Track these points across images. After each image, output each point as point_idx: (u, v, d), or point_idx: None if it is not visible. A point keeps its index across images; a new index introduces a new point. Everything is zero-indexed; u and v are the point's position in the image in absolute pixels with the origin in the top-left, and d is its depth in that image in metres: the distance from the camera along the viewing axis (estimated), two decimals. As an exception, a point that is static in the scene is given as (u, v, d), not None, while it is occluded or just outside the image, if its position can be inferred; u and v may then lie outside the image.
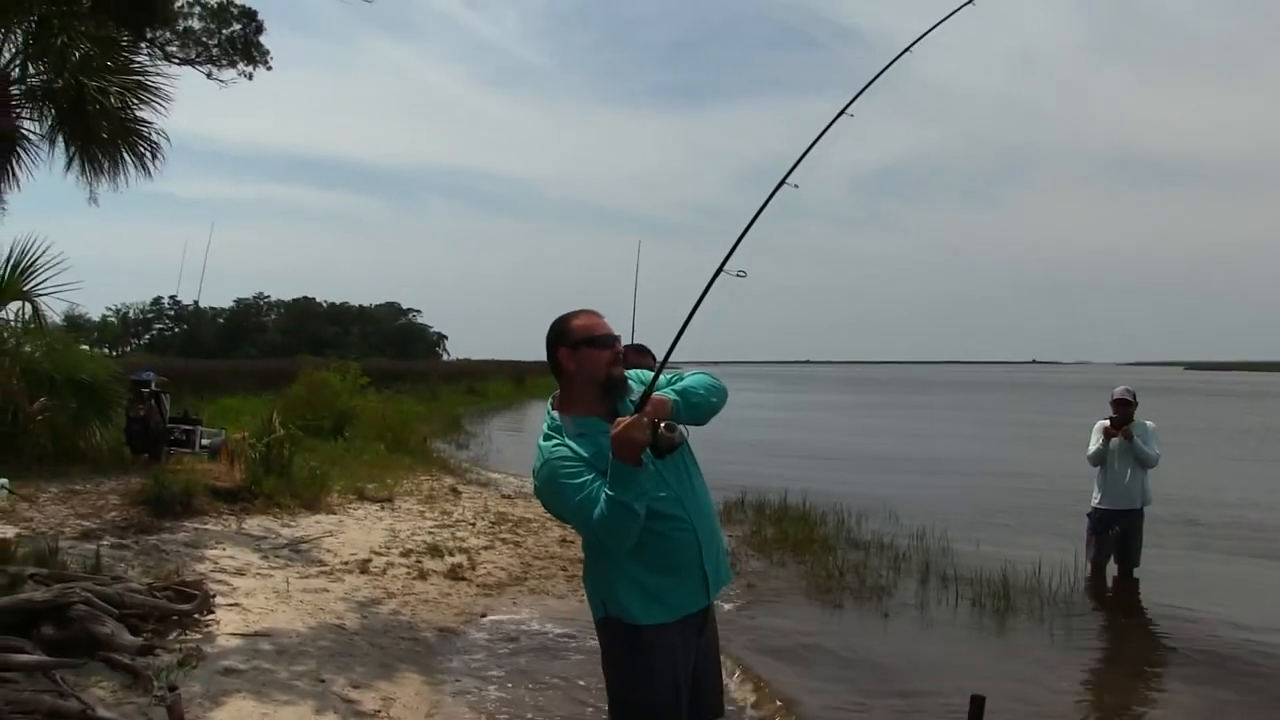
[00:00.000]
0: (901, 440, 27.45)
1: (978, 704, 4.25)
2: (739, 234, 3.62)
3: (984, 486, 17.13)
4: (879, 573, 9.85)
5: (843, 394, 67.55)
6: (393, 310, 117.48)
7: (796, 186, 3.72)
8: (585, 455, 3.38)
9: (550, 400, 3.61)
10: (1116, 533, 9.15)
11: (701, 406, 3.60)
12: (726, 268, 3.57)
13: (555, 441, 3.44)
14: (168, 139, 9.32)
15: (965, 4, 4.21)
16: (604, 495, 3.25)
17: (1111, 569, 9.37)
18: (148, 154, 9.09)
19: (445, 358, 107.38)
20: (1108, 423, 9.19)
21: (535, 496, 3.57)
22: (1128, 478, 9.09)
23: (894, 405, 51.04)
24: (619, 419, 3.26)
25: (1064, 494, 13.68)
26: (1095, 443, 9.18)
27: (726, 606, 8.28)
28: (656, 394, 3.42)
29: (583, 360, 3.50)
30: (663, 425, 3.26)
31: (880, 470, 19.27)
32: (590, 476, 3.33)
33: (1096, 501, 9.24)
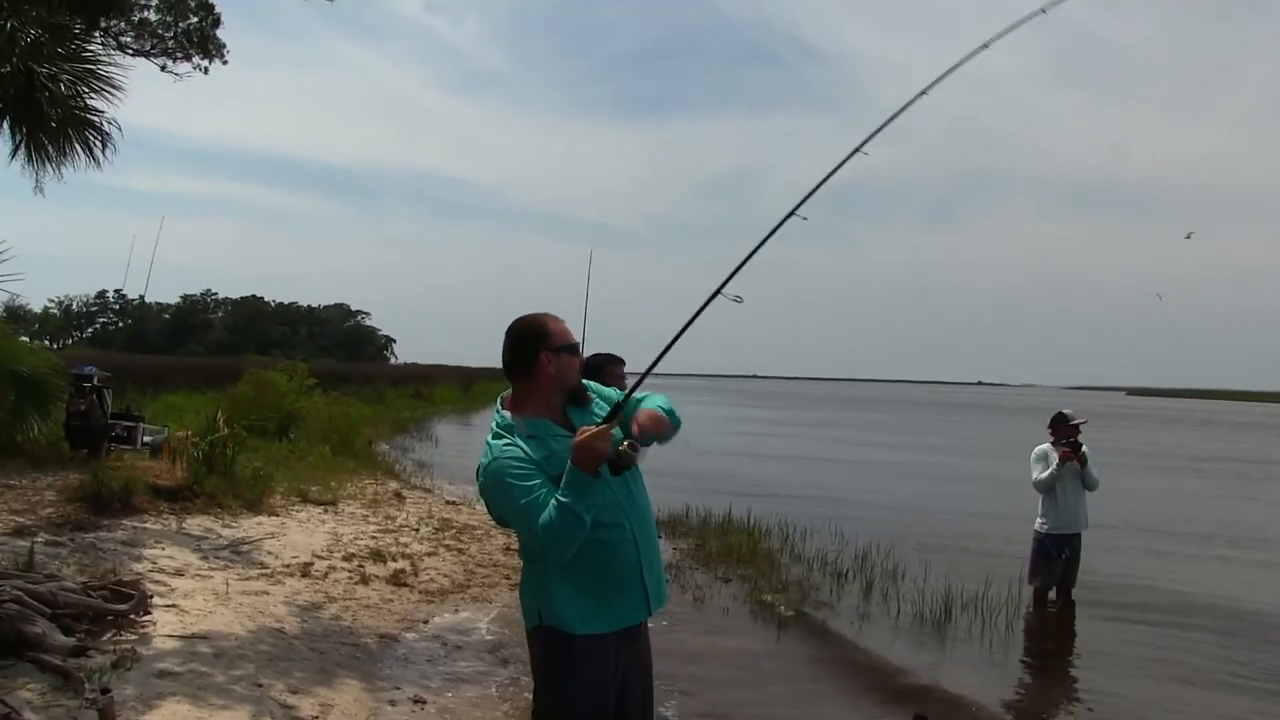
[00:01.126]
0: (844, 464, 27.61)
1: (919, 723, 4.29)
2: (742, 259, 3.61)
3: (930, 506, 17.28)
4: (823, 589, 9.93)
5: (787, 411, 67.82)
6: (341, 312, 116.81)
7: (805, 219, 3.74)
8: (536, 457, 3.35)
9: (500, 400, 3.58)
10: (1067, 556, 9.21)
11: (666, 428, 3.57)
12: (724, 291, 3.55)
13: (506, 440, 3.40)
14: (119, 129, 9.17)
15: (981, 49, 4.11)
16: (555, 501, 3.23)
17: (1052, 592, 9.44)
18: (98, 144, 8.91)
19: (393, 361, 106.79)
20: (1051, 448, 9.23)
21: (479, 495, 3.52)
22: (1076, 502, 9.18)
23: (836, 424, 51.23)
24: (584, 427, 3.27)
25: (1007, 517, 13.82)
26: (1045, 469, 9.15)
27: (665, 623, 8.29)
28: (652, 409, 3.44)
29: (562, 366, 3.50)
30: (625, 443, 3.26)
31: (824, 499, 19.30)
32: (540, 480, 3.29)
33: (1048, 527, 9.19)
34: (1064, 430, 9.23)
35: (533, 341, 3.50)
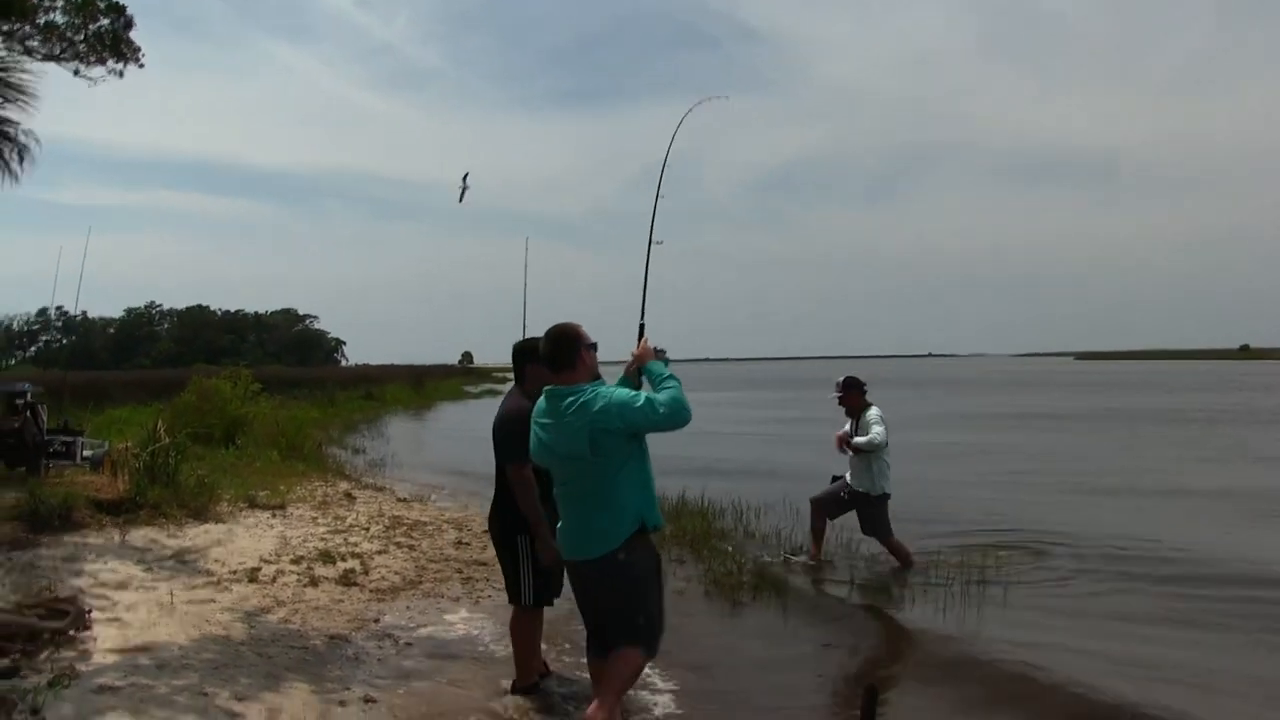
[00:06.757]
0: (796, 442, 27.62)
1: (871, 693, 4.26)
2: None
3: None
4: (777, 565, 9.92)
5: (737, 392, 67.83)
6: (289, 317, 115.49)
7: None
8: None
9: (548, 389, 5.02)
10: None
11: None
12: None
13: (601, 386, 4.93)
14: (37, 140, 8.94)
15: None
16: (663, 383, 4.92)
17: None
18: (15, 156, 8.69)
19: (344, 363, 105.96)
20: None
21: (597, 423, 4.78)
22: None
23: (785, 404, 51.26)
24: (633, 351, 5.27)
25: (956, 486, 13.88)
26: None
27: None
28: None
29: (594, 359, 5.03)
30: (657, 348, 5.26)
31: (777, 476, 19.27)
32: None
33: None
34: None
35: (576, 342, 5.00)
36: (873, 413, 9.92)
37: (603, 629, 5.09)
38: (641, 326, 5.74)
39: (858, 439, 9.80)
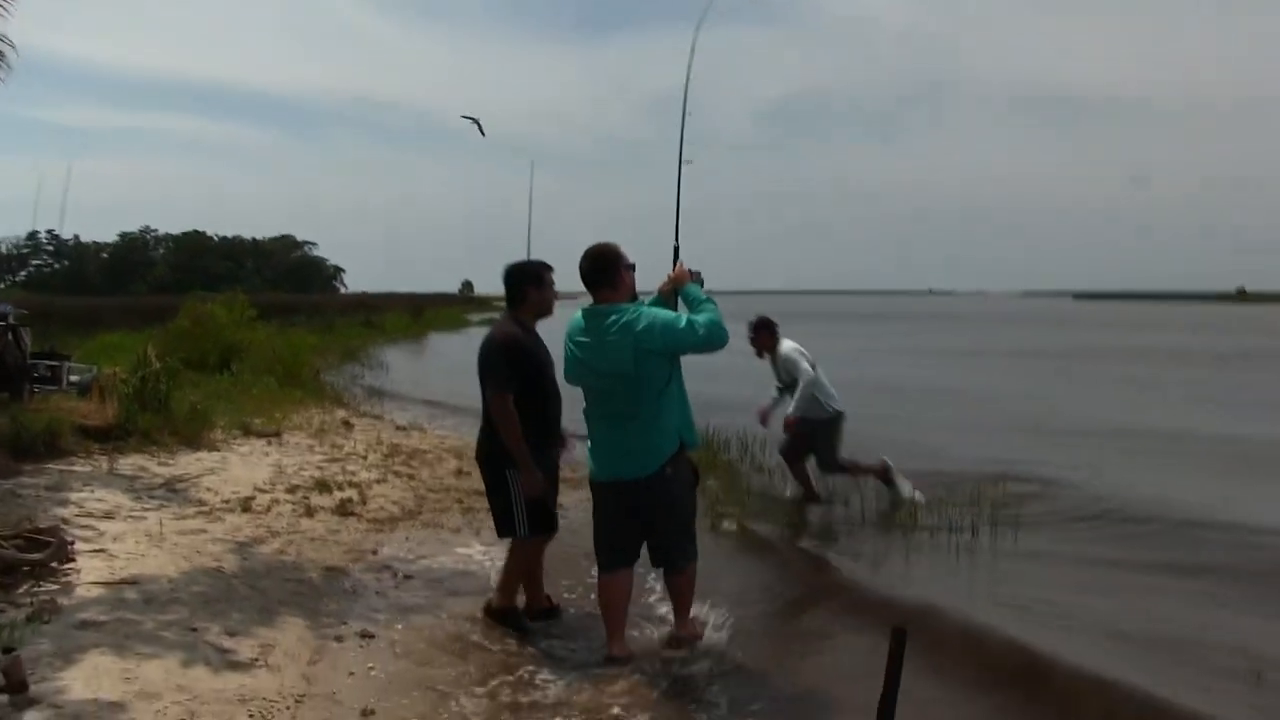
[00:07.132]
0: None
1: (899, 637, 3.97)
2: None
3: (887, 416, 17.05)
4: (785, 499, 9.67)
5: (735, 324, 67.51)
6: (287, 243, 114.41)
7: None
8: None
9: (583, 308, 5.19)
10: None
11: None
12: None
13: (640, 306, 5.11)
14: (13, 46, 8.47)
15: None
16: (701, 305, 5.14)
17: None
18: (-12, 61, 8.22)
19: (343, 290, 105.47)
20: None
21: (641, 342, 4.97)
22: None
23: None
24: (669, 274, 5.50)
25: (978, 418, 13.62)
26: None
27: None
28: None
29: (633, 281, 5.24)
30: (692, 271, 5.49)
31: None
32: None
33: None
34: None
35: (617, 261, 5.18)
36: (787, 347, 9.67)
37: (629, 547, 5.41)
38: (676, 249, 5.75)
39: (790, 413, 9.49)
